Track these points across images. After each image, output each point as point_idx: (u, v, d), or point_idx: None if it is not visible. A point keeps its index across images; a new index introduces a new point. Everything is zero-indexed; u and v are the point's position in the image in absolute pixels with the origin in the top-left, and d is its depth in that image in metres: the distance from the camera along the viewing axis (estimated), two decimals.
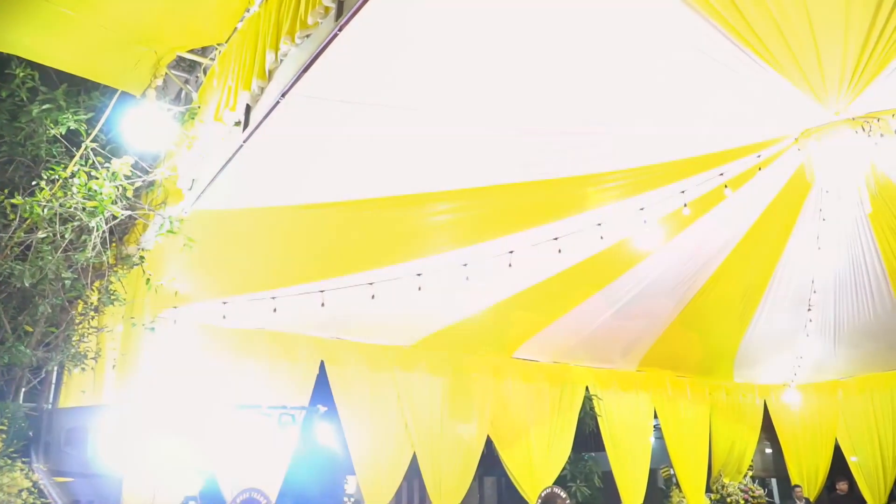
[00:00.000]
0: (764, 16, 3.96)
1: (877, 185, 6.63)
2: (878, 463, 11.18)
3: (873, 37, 4.23)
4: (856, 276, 8.48)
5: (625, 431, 9.67)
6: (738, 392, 11.54)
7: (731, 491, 10.90)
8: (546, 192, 5.63)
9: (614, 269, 7.55)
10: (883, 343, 10.09)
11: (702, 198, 6.40)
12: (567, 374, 9.37)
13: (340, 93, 3.95)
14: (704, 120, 5.28)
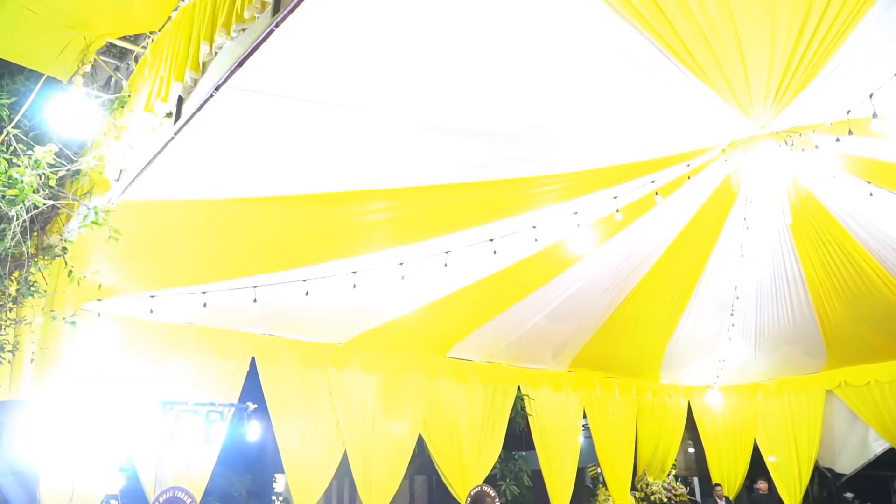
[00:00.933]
0: (693, 29, 4.08)
1: (797, 198, 6.96)
2: (793, 463, 11.72)
3: (797, 55, 4.42)
4: (776, 284, 8.86)
5: (554, 431, 9.85)
6: (663, 393, 11.91)
7: (655, 489, 11.24)
8: (483, 193, 5.67)
9: (548, 272, 7.68)
10: (800, 348, 10.58)
11: (633, 204, 6.57)
12: (500, 374, 9.48)
13: (277, 88, 3.89)
14: (637, 128, 5.41)
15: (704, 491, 13.12)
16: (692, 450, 13.69)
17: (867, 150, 5.96)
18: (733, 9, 3.92)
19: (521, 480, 9.46)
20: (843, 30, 4.11)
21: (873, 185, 6.55)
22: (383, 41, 3.72)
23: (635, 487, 11.18)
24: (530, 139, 4.97)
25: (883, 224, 7.28)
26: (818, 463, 11.90)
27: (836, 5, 3.85)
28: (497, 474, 9.25)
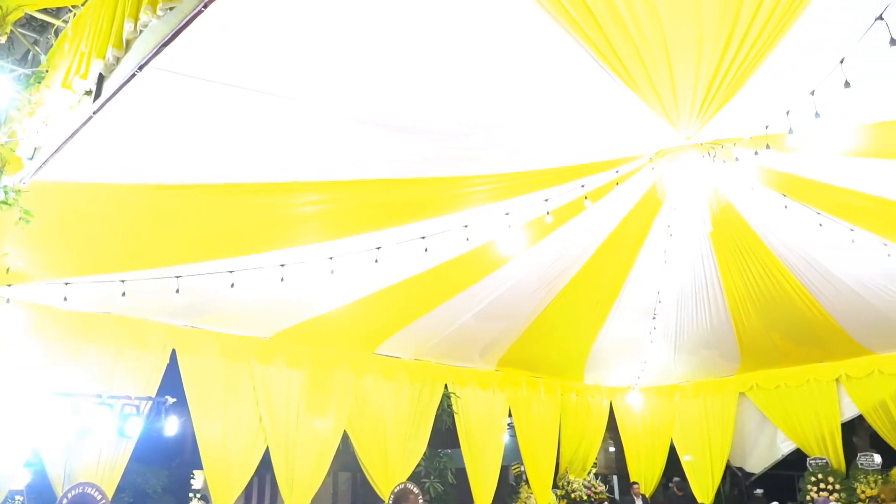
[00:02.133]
0: (624, 37, 4.17)
1: (718, 207, 7.24)
2: (707, 462, 12.19)
3: (721, 71, 4.57)
4: (696, 289, 9.19)
5: (480, 429, 9.93)
6: (587, 393, 12.18)
7: (576, 487, 11.48)
8: (415, 190, 5.67)
9: (479, 271, 7.73)
10: (717, 351, 11.02)
11: (564, 207, 6.69)
12: (427, 371, 9.49)
13: (205, 71, 3.77)
14: (569, 132, 5.50)
15: (623, 489, 13.50)
16: (613, 449, 14.06)
17: (783, 165, 6.24)
18: (663, 21, 4.02)
19: (445, 478, 9.50)
20: (764, 48, 4.28)
21: (788, 198, 6.89)
22: (317, 30, 3.65)
23: (557, 485, 11.40)
24: (462, 138, 4.98)
25: (796, 236, 7.65)
26: (730, 462, 12.42)
27: (758, 24, 4.00)
28: (421, 472, 9.26)
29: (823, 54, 4.10)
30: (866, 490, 10.60)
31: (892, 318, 9.46)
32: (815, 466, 11.16)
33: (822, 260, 8.15)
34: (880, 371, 10.77)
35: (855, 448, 11.95)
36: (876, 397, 10.85)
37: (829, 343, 10.40)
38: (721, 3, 3.83)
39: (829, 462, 11.12)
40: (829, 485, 10.84)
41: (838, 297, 8.92)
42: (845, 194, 6.42)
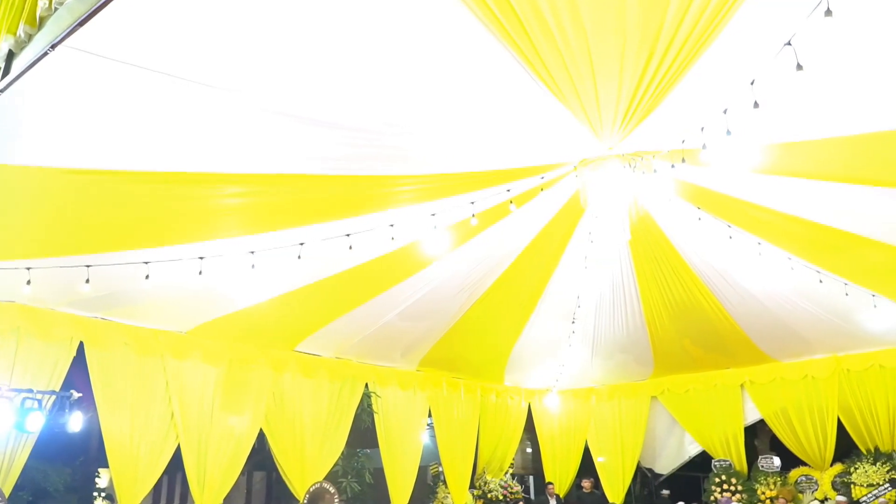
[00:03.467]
0: (551, 46, 4.25)
1: (637, 217, 7.46)
2: (619, 463, 12.59)
3: (642, 86, 4.73)
4: (614, 295, 9.47)
5: (400, 429, 9.93)
6: (506, 394, 12.35)
7: (493, 487, 11.62)
8: (342, 187, 5.62)
9: (403, 271, 7.73)
10: (632, 356, 11.38)
11: (489, 210, 6.76)
12: (348, 370, 9.42)
13: (124, 54, 3.64)
14: (496, 137, 5.58)
15: (538, 489, 13.75)
16: (530, 449, 14.31)
17: (698, 178, 6.52)
18: (588, 33, 4.13)
19: (362, 478, 9.44)
20: (683, 66, 4.45)
21: (702, 210, 7.19)
22: (243, 19, 3.58)
23: (474, 485, 11.51)
24: (389, 137, 4.97)
25: (708, 247, 8.00)
26: (640, 463, 12.86)
27: (678, 43, 4.16)
28: (339, 471, 9.17)
29: (736, 75, 4.30)
30: (766, 491, 11.17)
31: (793, 329, 10.02)
32: (719, 468, 11.69)
33: (731, 271, 8.55)
34: (782, 378, 11.37)
35: (756, 451, 12.58)
36: (777, 403, 11.46)
37: (736, 350, 10.91)
38: (643, 20, 3.96)
39: (732, 464, 11.67)
40: (731, 486, 11.37)
41: (745, 306, 9.38)
42: (753, 209, 6.76)
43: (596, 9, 3.91)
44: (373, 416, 9.59)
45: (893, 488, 9.97)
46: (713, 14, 3.83)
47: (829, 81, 4.31)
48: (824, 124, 4.98)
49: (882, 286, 8.33)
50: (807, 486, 11.06)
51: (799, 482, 11.14)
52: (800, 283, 8.40)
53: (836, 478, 10.78)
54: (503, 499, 11.59)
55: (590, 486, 12.38)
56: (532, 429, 12.93)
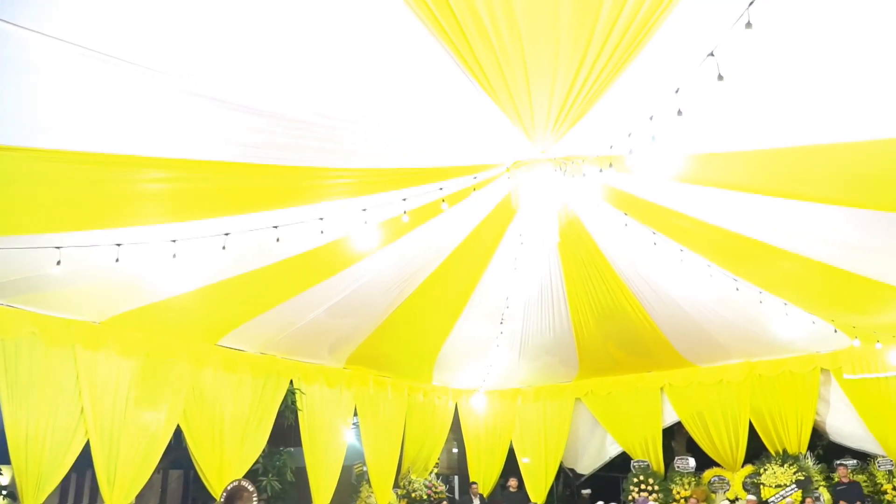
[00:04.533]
0: (487, 49, 4.28)
1: (566, 220, 7.59)
2: (542, 464, 12.78)
3: (574, 91, 4.81)
4: (542, 297, 9.60)
5: (324, 427, 9.78)
6: (434, 394, 12.35)
7: (417, 487, 11.60)
8: (270, 177, 5.47)
9: (332, 266, 7.61)
10: (557, 358, 11.57)
11: (421, 208, 6.74)
12: (273, 366, 9.21)
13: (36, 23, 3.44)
14: (430, 135, 5.56)
15: (462, 488, 13.81)
16: (456, 449, 14.36)
17: (625, 185, 6.67)
18: (523, 36, 4.17)
19: (284, 476, 9.25)
20: (613, 72, 4.54)
21: (628, 216, 7.37)
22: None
23: (398, 485, 11.46)
24: (321, 129, 4.89)
25: (633, 252, 8.21)
26: (563, 464, 13.09)
27: (608, 49, 4.24)
28: (259, 469, 8.97)
29: (662, 84, 4.42)
30: (681, 491, 11.56)
31: (711, 335, 10.40)
32: (638, 468, 12.02)
33: (654, 276, 8.80)
34: (699, 382, 11.80)
35: (673, 452, 13.01)
36: (694, 406, 11.88)
37: (657, 354, 11.25)
38: (575, 28, 4.03)
39: (650, 464, 12.02)
40: (648, 486, 11.71)
41: (667, 311, 9.68)
42: (676, 217, 6.97)
43: (531, 14, 3.95)
44: (297, 413, 9.41)
45: (799, 489, 10.47)
46: (642, 23, 3.92)
47: (748, 94, 4.47)
48: (742, 136, 5.17)
49: (794, 295, 8.73)
50: (719, 487, 11.50)
51: (712, 482, 11.57)
52: (718, 291, 8.71)
53: (747, 478, 11.24)
54: (427, 498, 11.59)
55: (516, 486, 12.52)
56: (458, 429, 12.97)
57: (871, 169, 5.29)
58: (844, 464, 10.61)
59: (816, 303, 8.89)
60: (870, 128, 4.68)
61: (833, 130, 4.84)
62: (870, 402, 10.47)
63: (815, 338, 10.00)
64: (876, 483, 10.34)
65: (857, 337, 9.83)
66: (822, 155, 5.16)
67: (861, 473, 10.55)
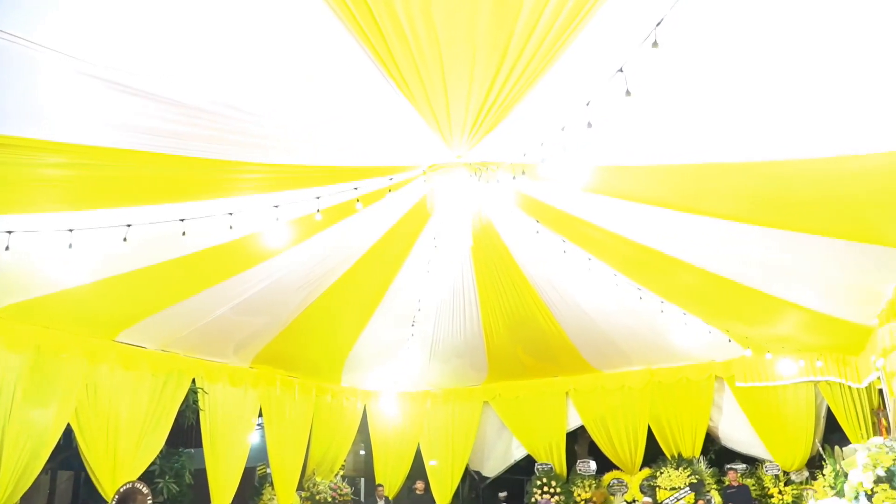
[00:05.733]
0: (406, 51, 4.28)
1: (480, 225, 7.69)
2: (449, 466, 12.86)
3: (491, 97, 4.86)
4: (454, 301, 9.67)
5: (227, 428, 9.48)
6: (342, 395, 12.22)
7: (322, 489, 11.44)
8: (176, 167, 5.25)
9: (241, 262, 7.40)
10: (468, 361, 11.68)
11: (335, 207, 6.66)
12: (174, 364, 8.85)
13: None
14: (346, 134, 5.50)
15: (369, 491, 13.73)
16: (363, 451, 14.25)
17: (537, 192, 6.81)
18: (441, 40, 4.18)
19: (182, 478, 8.92)
20: (529, 81, 4.62)
21: (540, 223, 7.53)
22: None
23: (302, 487, 11.26)
24: (231, 121, 4.73)
25: (543, 259, 8.39)
26: (469, 466, 13.22)
27: (525, 58, 4.32)
28: (156, 471, 8.61)
29: (574, 96, 4.54)
30: (581, 493, 11.89)
31: (615, 342, 10.77)
32: (541, 471, 12.29)
33: (563, 283, 9.03)
34: (602, 388, 12.19)
35: (576, 455, 13.37)
36: (597, 411, 12.26)
37: (563, 360, 11.55)
38: (492, 36, 4.08)
39: (553, 467, 12.30)
40: (551, 488, 11.98)
41: (574, 318, 9.95)
42: (585, 226, 7.17)
43: (449, 18, 3.97)
44: (198, 413, 9.09)
45: (692, 491, 10.97)
46: (556, 36, 4.01)
47: (654, 111, 4.66)
48: (648, 151, 5.37)
49: (693, 306, 9.15)
50: (618, 489, 11.92)
51: (611, 485, 11.98)
52: (623, 299, 9.02)
53: (644, 481, 11.70)
54: (331, 501, 11.44)
55: (422, 488, 12.56)
56: (366, 430, 12.88)
57: (766, 188, 5.60)
58: (735, 468, 11.20)
59: (713, 314, 9.35)
60: (766, 150, 4.96)
61: (732, 150, 5.10)
62: (759, 409, 11.09)
63: (711, 347, 10.51)
64: (763, 487, 10.97)
65: (750, 347, 10.40)
66: (722, 173, 5.43)
67: (750, 477, 11.15)
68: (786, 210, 5.88)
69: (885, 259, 6.08)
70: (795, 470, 10.84)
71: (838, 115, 4.28)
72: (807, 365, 10.42)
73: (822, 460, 9.61)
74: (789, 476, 10.86)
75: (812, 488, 9.80)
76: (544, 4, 3.76)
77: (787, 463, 10.88)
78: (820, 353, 10.18)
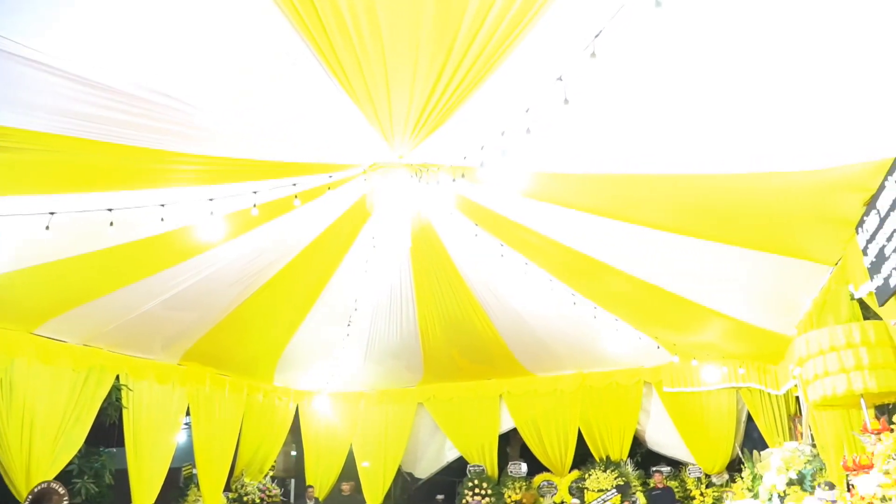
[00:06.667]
0: (349, 50, 4.25)
1: (420, 226, 7.70)
2: (381, 467, 12.80)
3: (433, 98, 4.88)
4: (391, 301, 9.65)
5: (152, 426, 9.18)
6: (275, 395, 12.02)
7: (250, 490, 11.22)
8: (105, 155, 5.05)
9: (172, 256, 7.18)
10: (403, 362, 11.66)
11: (272, 203, 6.56)
12: (97, 359, 8.51)
13: None
14: (287, 129, 5.42)
15: (299, 492, 13.54)
16: (294, 452, 14.05)
17: (477, 196, 6.87)
18: (384, 39, 4.17)
19: (102, 478, 8.58)
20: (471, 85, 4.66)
21: (479, 227, 7.59)
22: None
23: (230, 488, 11.02)
24: (165, 109, 4.59)
25: (481, 262, 8.45)
26: (401, 467, 13.19)
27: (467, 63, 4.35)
28: (74, 471, 8.26)
29: (515, 102, 4.60)
30: (512, 495, 12.03)
31: (549, 345, 10.93)
32: (473, 473, 12.37)
33: (500, 287, 9.12)
34: (535, 391, 12.36)
35: (507, 457, 13.51)
36: (529, 413, 12.42)
37: (498, 362, 11.65)
38: (436, 38, 4.09)
39: (485, 469, 12.40)
40: (482, 489, 12.07)
41: (510, 321, 10.06)
42: (523, 230, 7.26)
43: (393, 17, 3.97)
44: (121, 411, 8.78)
45: (619, 493, 11.24)
46: (499, 41, 4.06)
47: (591, 121, 4.75)
48: (584, 160, 5.48)
49: (624, 312, 9.38)
50: (548, 491, 12.10)
51: (541, 487, 12.16)
52: (557, 304, 9.17)
53: (573, 483, 11.93)
54: (259, 502, 11.23)
55: (349, 490, 12.46)
56: (298, 431, 12.70)
57: (695, 200, 5.79)
58: (660, 470, 11.53)
59: (643, 320, 9.60)
60: (694, 163, 5.13)
61: (663, 162, 5.25)
62: (684, 414, 11.45)
63: (641, 353, 10.78)
64: (686, 489, 11.34)
65: (677, 354, 10.73)
66: (653, 184, 5.58)
67: (674, 480, 11.50)
68: (713, 222, 6.09)
69: (803, 272, 6.36)
70: (717, 473, 11.23)
71: (762, 134, 4.46)
72: (730, 372, 10.80)
73: (742, 464, 9.99)
74: (711, 479, 11.24)
75: (731, 490, 10.17)
76: (488, 9, 3.80)
77: (708, 466, 11.26)
78: (742, 360, 10.57)
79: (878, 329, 5.21)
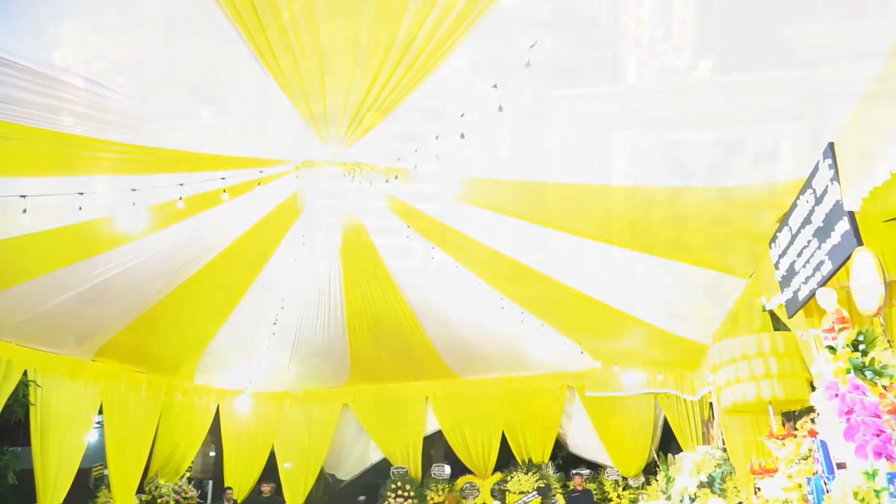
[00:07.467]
0: (286, 45, 4.20)
1: (351, 225, 7.66)
2: (303, 468, 12.61)
3: (369, 99, 4.88)
4: (319, 301, 9.54)
5: (61, 425, 8.73)
6: (194, 394, 11.64)
7: (165, 492, 10.84)
8: (16, 139, 4.80)
9: (90, 246, 6.89)
10: (329, 362, 11.52)
11: (200, 196, 6.39)
12: (4, 353, 8.02)
13: None
14: (217, 121, 5.31)
15: (217, 493, 13.17)
16: (213, 453, 13.68)
17: (409, 197, 6.88)
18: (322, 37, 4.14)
19: (5, 479, 8.12)
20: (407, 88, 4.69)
21: (410, 228, 7.60)
22: None
23: (143, 490, 10.62)
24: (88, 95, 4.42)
25: (412, 264, 8.47)
26: (324, 469, 13.03)
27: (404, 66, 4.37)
28: None
29: (450, 107, 4.64)
30: (435, 497, 12.06)
31: (476, 348, 11.03)
32: (396, 474, 12.34)
33: (430, 289, 9.15)
34: (461, 393, 12.42)
35: (431, 459, 13.53)
36: (455, 416, 12.47)
37: (426, 364, 11.66)
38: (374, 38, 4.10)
39: (408, 471, 12.39)
40: (405, 491, 12.06)
41: (438, 324, 10.10)
42: (453, 233, 7.32)
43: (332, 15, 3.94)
44: (28, 408, 8.33)
45: (539, 496, 11.43)
46: (438, 45, 4.09)
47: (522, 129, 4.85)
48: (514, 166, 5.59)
49: (550, 317, 9.55)
50: (470, 493, 12.19)
51: (464, 489, 12.24)
52: (486, 308, 9.26)
53: (496, 485, 12.04)
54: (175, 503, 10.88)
55: (269, 491, 12.22)
56: (218, 430, 12.36)
57: (619, 211, 5.97)
58: (580, 473, 11.79)
59: (568, 326, 9.80)
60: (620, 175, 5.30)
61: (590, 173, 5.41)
62: (604, 418, 11.73)
63: (565, 358, 10.99)
64: (604, 491, 11.64)
65: (599, 359, 10.99)
66: (580, 193, 5.72)
67: (593, 482, 11.78)
68: (635, 232, 6.29)
69: (718, 283, 6.65)
70: (633, 475, 11.56)
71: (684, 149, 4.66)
72: (649, 378, 11.14)
73: (657, 467, 10.32)
74: (628, 481, 11.57)
75: (646, 492, 10.50)
76: (427, 14, 3.82)
77: (626, 469, 11.58)
78: (661, 367, 10.92)
79: (787, 340, 5.50)
